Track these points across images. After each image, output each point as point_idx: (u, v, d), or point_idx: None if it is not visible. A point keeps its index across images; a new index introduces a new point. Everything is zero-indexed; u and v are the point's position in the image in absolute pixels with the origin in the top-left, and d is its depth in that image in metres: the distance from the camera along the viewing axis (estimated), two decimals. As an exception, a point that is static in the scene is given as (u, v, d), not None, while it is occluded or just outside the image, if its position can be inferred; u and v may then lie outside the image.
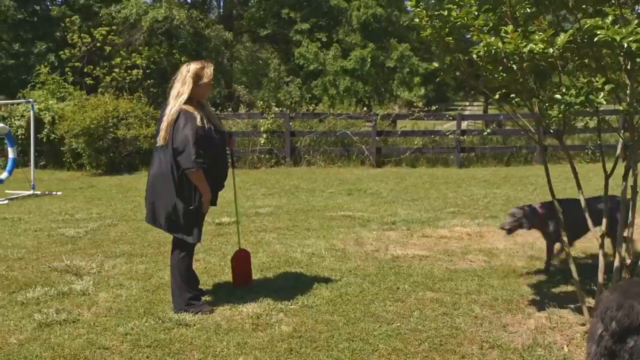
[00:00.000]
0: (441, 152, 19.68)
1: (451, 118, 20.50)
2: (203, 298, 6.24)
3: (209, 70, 5.75)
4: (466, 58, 4.90)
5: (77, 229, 9.82)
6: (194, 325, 5.64)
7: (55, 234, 9.51)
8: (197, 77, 5.69)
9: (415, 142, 19.58)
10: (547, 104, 4.61)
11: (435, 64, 5.16)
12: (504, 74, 5.01)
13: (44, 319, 5.66)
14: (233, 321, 5.69)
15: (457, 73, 5.53)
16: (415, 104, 21.02)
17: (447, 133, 19.50)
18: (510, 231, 6.99)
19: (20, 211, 11.86)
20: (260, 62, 41.34)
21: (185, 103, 5.63)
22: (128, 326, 5.51)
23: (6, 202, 13.30)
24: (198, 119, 5.59)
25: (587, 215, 5.58)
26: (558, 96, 4.55)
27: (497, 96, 5.12)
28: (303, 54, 35.29)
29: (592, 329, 3.47)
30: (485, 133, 19.73)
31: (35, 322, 5.61)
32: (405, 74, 35.34)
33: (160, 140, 5.67)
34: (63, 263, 7.63)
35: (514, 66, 4.85)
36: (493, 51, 4.36)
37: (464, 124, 20.33)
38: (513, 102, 5.21)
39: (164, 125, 5.64)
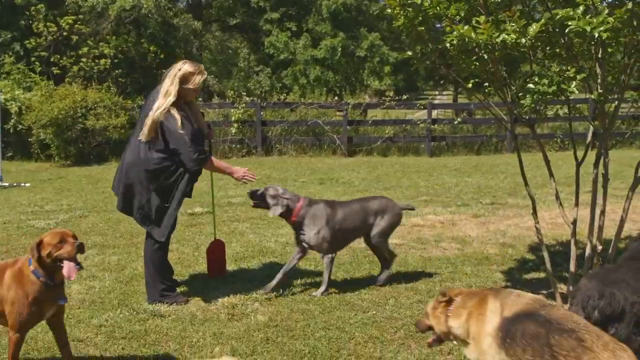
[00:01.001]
0: (412, 141, 19.77)
1: (422, 107, 20.60)
2: (177, 289, 6.21)
3: (198, 78, 5.66)
4: (439, 47, 4.92)
5: (47, 221, 9.69)
6: (169, 316, 5.62)
7: (24, 226, 9.38)
8: (184, 79, 5.62)
9: (387, 132, 19.65)
10: (519, 94, 4.65)
11: (409, 53, 5.18)
12: (477, 63, 5.04)
13: None
14: (208, 311, 5.69)
15: (428, 62, 5.56)
16: (386, 93, 21.05)
17: (418, 122, 19.59)
18: (255, 205, 6.27)
19: (-13, 203, 11.68)
20: (230, 51, 41.02)
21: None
22: (102, 318, 5.47)
23: (-27, 194, 13.07)
24: (178, 122, 5.54)
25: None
26: (531, 85, 4.60)
27: (469, 85, 5.15)
28: (273, 43, 35.11)
29: (573, 317, 3.51)
30: (456, 122, 19.85)
31: None
32: (376, 63, 35.36)
33: (142, 136, 5.62)
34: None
35: (485, 55, 4.88)
36: (466, 40, 4.38)
37: (434, 113, 20.35)
38: (485, 91, 5.23)
39: (148, 121, 5.56)
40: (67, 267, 4.08)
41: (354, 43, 35.50)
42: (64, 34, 27.60)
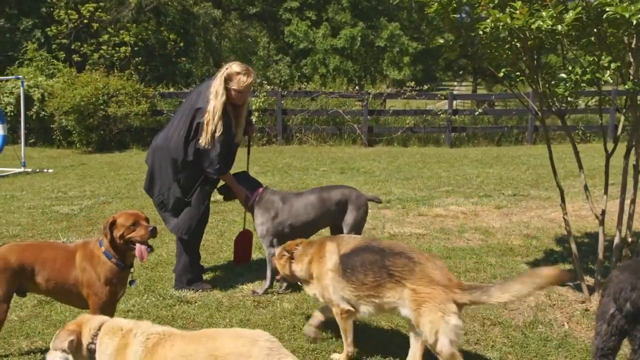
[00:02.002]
0: (432, 131, 19.69)
1: (443, 97, 20.49)
2: (203, 275, 6.23)
3: (243, 79, 5.57)
4: (472, 34, 4.88)
5: (71, 207, 9.76)
6: (196, 302, 5.65)
7: (49, 212, 9.45)
8: (228, 79, 5.57)
9: (407, 122, 19.58)
10: (552, 82, 4.60)
11: (441, 41, 5.13)
12: (508, 52, 4.99)
13: (43, 296, 5.64)
14: (234, 298, 5.70)
15: (459, 50, 5.51)
16: (407, 84, 20.94)
17: (439, 112, 19.49)
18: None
19: (12, 188, 11.77)
20: (249, 40, 41.02)
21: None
22: (129, 303, 5.50)
23: (-3, 179, 13.20)
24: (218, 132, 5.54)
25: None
26: (563, 75, 4.55)
27: (501, 74, 5.10)
28: (293, 32, 35.08)
29: (603, 308, 3.49)
30: (477, 113, 19.74)
31: (36, 300, 5.59)
32: (395, 53, 35.23)
33: (203, 142, 5.57)
34: (60, 240, 7.59)
35: (517, 44, 4.83)
36: (500, 27, 4.34)
37: (454, 104, 20.24)
38: (517, 80, 5.17)
39: (208, 127, 5.53)
40: (139, 249, 4.12)
41: (373, 33, 35.38)
42: (85, 21, 27.76)
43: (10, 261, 4.07)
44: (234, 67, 5.60)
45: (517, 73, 5.13)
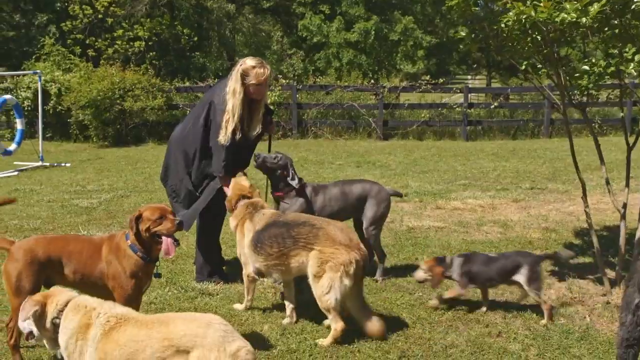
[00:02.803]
0: (448, 125, 19.63)
1: (459, 91, 20.42)
2: (224, 268, 6.27)
3: (260, 71, 5.48)
4: (494, 27, 4.87)
5: (91, 200, 9.85)
6: (217, 294, 5.69)
7: (68, 205, 9.54)
8: (245, 74, 5.48)
9: (422, 115, 19.52)
10: (575, 75, 4.59)
11: (462, 33, 5.13)
12: (530, 45, 4.98)
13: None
14: (256, 290, 5.72)
15: (480, 44, 5.51)
16: (422, 77, 20.88)
17: (455, 106, 19.42)
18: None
19: (31, 182, 11.88)
20: (263, 34, 41.00)
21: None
22: (152, 295, 5.55)
23: (16, 173, 13.30)
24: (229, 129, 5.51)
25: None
26: (586, 67, 4.54)
27: (523, 67, 5.08)
28: (306, 26, 34.96)
29: (628, 299, 3.49)
30: (492, 106, 19.65)
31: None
32: (409, 47, 35.08)
33: (222, 139, 5.50)
34: (80, 234, 7.66)
35: (538, 37, 4.82)
36: (523, 20, 4.33)
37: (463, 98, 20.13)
38: (540, 72, 5.16)
39: (229, 126, 5.49)
40: (165, 243, 4.12)
41: (387, 26, 35.21)
42: (99, 16, 27.85)
43: (37, 254, 4.12)
44: (248, 61, 5.53)
45: (539, 65, 5.12)
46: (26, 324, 3.37)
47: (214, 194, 5.79)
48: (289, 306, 5.03)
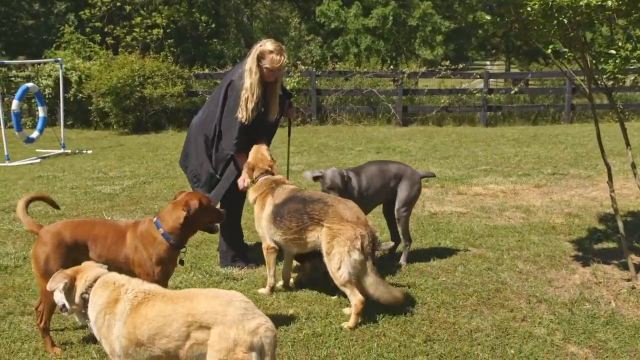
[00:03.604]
0: (467, 110, 19.51)
1: (478, 76, 20.27)
2: (248, 253, 6.31)
3: (276, 57, 5.47)
4: (520, 11, 4.83)
5: (113, 187, 9.93)
6: (242, 279, 5.74)
7: (92, 192, 9.62)
8: (261, 56, 5.49)
9: (442, 101, 19.41)
10: (601, 59, 4.55)
11: (487, 17, 5.09)
12: (556, 28, 4.94)
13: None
14: (279, 275, 5.76)
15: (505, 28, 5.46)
16: (442, 63, 20.74)
17: (474, 91, 19.30)
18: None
19: (53, 169, 11.99)
20: (281, 20, 40.97)
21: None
22: (177, 280, 5.60)
23: (38, 160, 13.44)
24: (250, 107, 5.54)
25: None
26: (612, 51, 4.49)
27: (548, 50, 5.04)
28: (324, 12, 34.80)
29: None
30: (513, 92, 19.50)
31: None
32: (428, 32, 34.83)
33: (242, 118, 5.54)
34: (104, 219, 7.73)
35: (564, 20, 4.78)
36: (550, 3, 4.29)
37: (483, 84, 19.94)
38: (566, 56, 5.12)
39: (243, 104, 5.53)
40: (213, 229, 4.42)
41: (405, 12, 34.98)
42: (117, 4, 27.89)
43: (64, 237, 4.17)
44: (267, 45, 5.53)
45: (566, 49, 5.07)
46: (60, 297, 3.44)
47: (236, 174, 5.82)
48: (273, 279, 5.31)
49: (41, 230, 4.24)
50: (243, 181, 5.53)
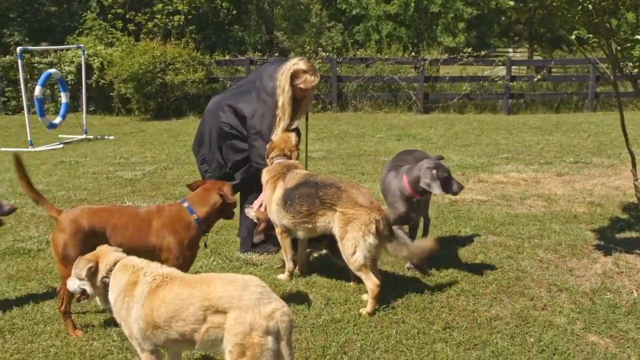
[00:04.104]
0: (489, 98, 19.33)
1: (500, 63, 20.07)
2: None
3: (309, 78, 5.48)
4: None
5: (134, 172, 10.00)
6: (261, 264, 5.77)
7: (113, 177, 9.70)
8: (294, 76, 5.47)
9: (463, 88, 19.24)
10: (627, 45, 4.48)
11: (511, 3, 5.02)
12: (580, 14, 4.87)
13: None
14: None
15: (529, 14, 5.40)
16: (464, 50, 20.55)
17: (496, 79, 19.11)
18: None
19: (75, 155, 12.10)
20: (302, 7, 40.77)
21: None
22: (197, 265, 5.63)
23: (61, 146, 13.57)
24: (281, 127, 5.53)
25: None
26: (638, 37, 4.43)
27: (573, 36, 4.97)
28: (346, -1, 34.68)
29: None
30: (535, 79, 19.28)
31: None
32: (450, 19, 34.52)
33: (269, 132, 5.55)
34: (126, 204, 7.79)
35: (589, 6, 4.71)
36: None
37: (505, 71, 19.68)
38: (591, 42, 5.05)
39: (281, 123, 5.51)
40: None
41: (427, -2, 34.69)
42: (139, -10, 27.94)
43: (82, 224, 4.20)
44: (301, 64, 5.50)
45: (590, 35, 5.00)
46: (78, 284, 3.48)
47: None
48: (291, 263, 5.35)
49: (60, 215, 4.28)
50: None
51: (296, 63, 5.51)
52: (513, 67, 20.33)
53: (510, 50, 54.93)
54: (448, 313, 4.63)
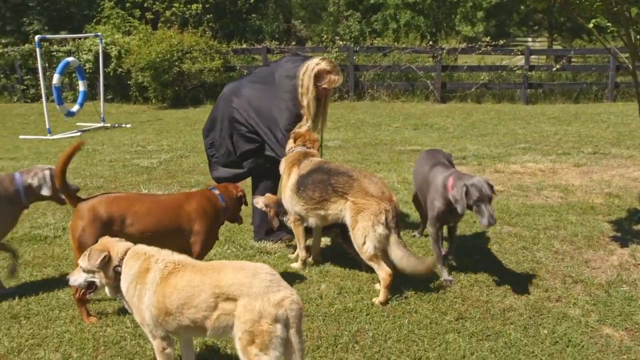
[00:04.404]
0: (507, 87, 19.16)
1: (519, 53, 19.87)
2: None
3: (333, 78, 5.51)
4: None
5: (151, 160, 10.04)
6: (275, 253, 5.77)
7: (129, 165, 9.75)
8: (318, 76, 5.48)
9: (481, 77, 19.08)
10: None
11: (528, -9, 4.96)
12: (599, 3, 4.80)
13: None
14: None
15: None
16: (482, 39, 20.35)
17: (515, 68, 18.94)
18: None
19: (93, 143, 12.17)
20: (319, -5, 40.62)
21: None
22: (211, 253, 5.62)
23: (78, 134, 13.67)
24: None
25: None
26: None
27: (591, 25, 4.91)
28: (363, -13, 34.50)
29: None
30: (554, 69, 19.07)
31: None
32: (468, 7, 34.21)
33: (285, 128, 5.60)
34: (142, 192, 7.83)
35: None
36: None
37: (524, 60, 19.48)
38: (609, 31, 4.98)
39: (308, 123, 5.57)
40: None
41: (445, -14, 34.42)
42: (156, -22, 27.91)
43: (99, 212, 4.22)
44: (323, 64, 5.49)
45: (609, 24, 4.93)
46: (84, 277, 3.49)
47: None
48: (304, 252, 5.39)
49: (79, 204, 4.30)
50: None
51: (318, 63, 5.50)
52: (532, 56, 20.10)
53: (530, 39, 54.38)
54: (461, 303, 4.61)
